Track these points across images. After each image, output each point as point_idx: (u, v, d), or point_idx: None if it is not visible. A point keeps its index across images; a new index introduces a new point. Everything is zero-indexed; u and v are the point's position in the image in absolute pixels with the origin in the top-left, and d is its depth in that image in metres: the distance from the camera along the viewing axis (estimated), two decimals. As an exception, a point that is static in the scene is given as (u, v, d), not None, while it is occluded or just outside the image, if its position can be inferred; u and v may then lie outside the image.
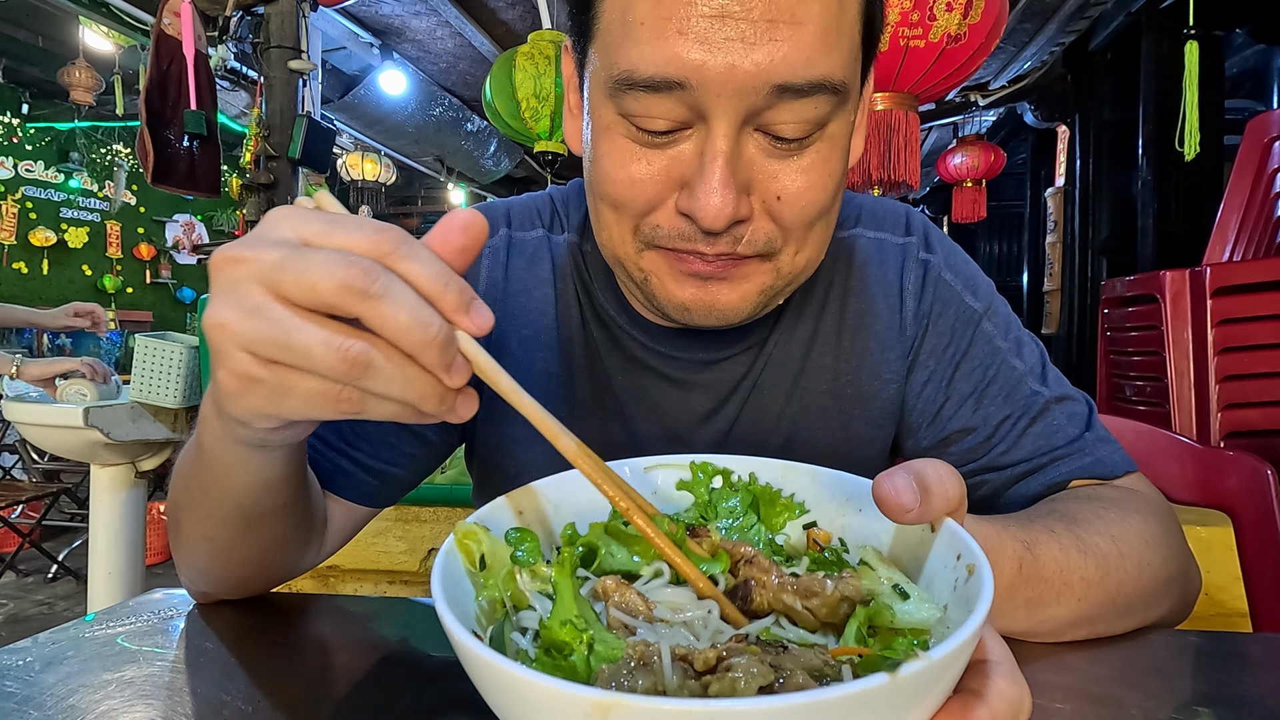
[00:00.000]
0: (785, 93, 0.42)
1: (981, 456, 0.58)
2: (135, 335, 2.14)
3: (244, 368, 0.30)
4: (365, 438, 0.57)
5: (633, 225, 0.49)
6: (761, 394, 0.60)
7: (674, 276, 0.50)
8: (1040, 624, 0.45)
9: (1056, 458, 0.56)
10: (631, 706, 0.20)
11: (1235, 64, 3.95)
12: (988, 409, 0.58)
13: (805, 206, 0.47)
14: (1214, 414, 1.79)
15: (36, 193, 6.51)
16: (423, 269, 0.30)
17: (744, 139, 0.45)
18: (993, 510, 0.58)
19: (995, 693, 0.27)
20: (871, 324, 0.60)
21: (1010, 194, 6.58)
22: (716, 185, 0.43)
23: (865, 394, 0.60)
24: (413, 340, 0.29)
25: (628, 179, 0.47)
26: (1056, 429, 0.57)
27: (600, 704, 0.20)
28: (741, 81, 0.41)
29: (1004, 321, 0.61)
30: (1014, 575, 0.42)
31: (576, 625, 0.28)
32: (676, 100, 0.43)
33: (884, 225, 0.63)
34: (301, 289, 0.29)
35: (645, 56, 0.42)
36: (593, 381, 0.61)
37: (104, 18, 3.51)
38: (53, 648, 0.48)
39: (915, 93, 2.32)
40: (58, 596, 3.22)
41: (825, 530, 0.37)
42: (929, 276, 0.61)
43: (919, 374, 0.60)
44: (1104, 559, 0.46)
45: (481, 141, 5.61)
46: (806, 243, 0.49)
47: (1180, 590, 0.52)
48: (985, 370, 0.59)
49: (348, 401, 0.31)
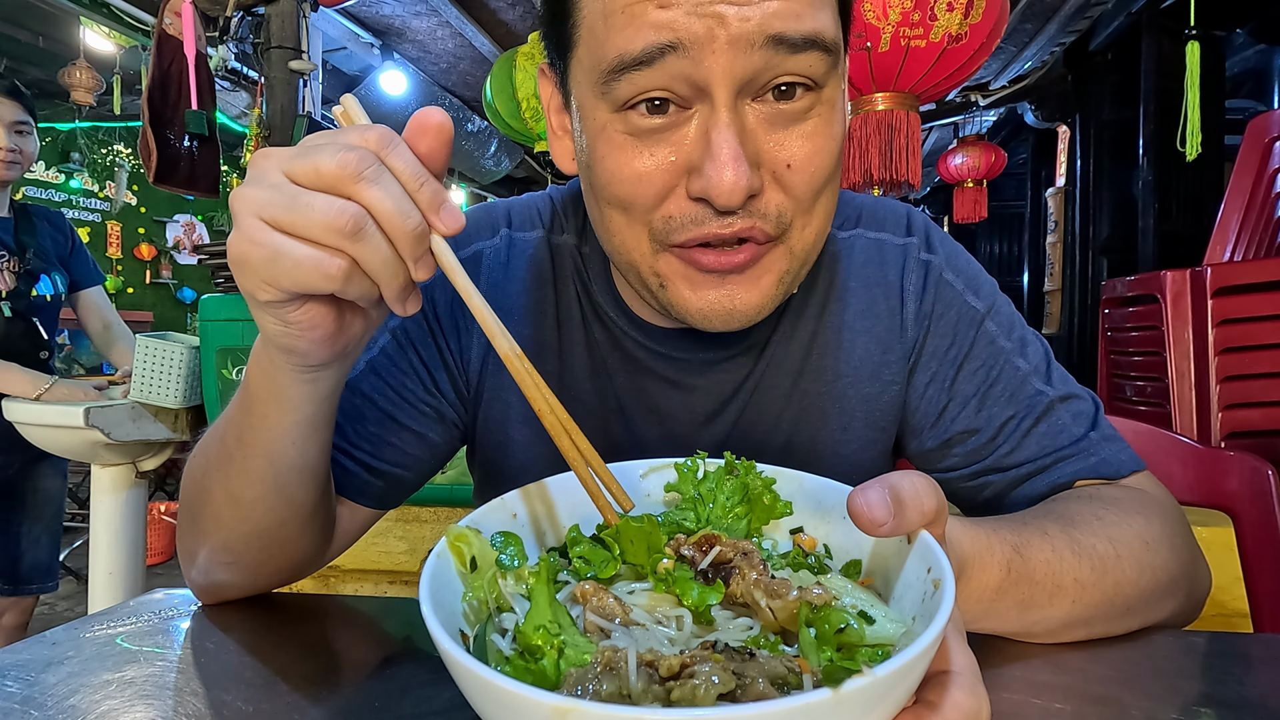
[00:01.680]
0: (780, 46, 0.42)
1: (985, 458, 0.58)
2: (136, 335, 2.14)
3: (251, 232, 0.35)
4: (367, 438, 0.57)
5: (645, 224, 0.48)
6: (762, 396, 0.60)
7: (690, 282, 0.49)
8: (1034, 624, 0.45)
9: (1061, 458, 0.56)
10: (587, 712, 0.21)
11: (1236, 64, 3.95)
12: (991, 410, 0.57)
13: (814, 172, 0.46)
14: (1215, 414, 1.79)
15: (38, 193, 6.51)
16: (405, 166, 0.35)
17: (744, 111, 0.44)
18: (998, 512, 0.57)
19: (951, 704, 0.27)
20: (872, 326, 0.60)
21: (1011, 194, 6.59)
22: (728, 159, 0.42)
23: (866, 396, 0.60)
24: (395, 224, 0.34)
25: (633, 175, 0.46)
26: (1061, 429, 0.56)
27: (559, 709, 0.22)
28: (735, 34, 0.41)
29: (1007, 321, 0.60)
30: (1002, 578, 0.43)
31: (549, 630, 0.29)
32: (672, 72, 0.42)
33: (884, 226, 0.63)
34: (308, 171, 0.34)
35: (635, 34, 0.42)
36: (594, 382, 0.60)
37: (105, 18, 3.51)
38: (53, 648, 0.48)
39: (916, 92, 2.32)
40: (58, 597, 3.22)
41: (811, 536, 0.37)
42: (930, 277, 0.60)
43: (921, 375, 0.60)
44: (1100, 560, 0.46)
45: (482, 142, 5.62)
46: (814, 215, 0.48)
47: (1186, 591, 0.52)
48: (989, 371, 0.58)
49: (333, 270, 0.34)
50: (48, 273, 1.93)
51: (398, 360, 0.58)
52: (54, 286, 1.94)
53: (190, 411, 1.88)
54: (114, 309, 2.16)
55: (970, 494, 0.59)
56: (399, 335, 0.59)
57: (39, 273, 1.90)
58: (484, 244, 0.62)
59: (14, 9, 4.61)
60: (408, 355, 0.59)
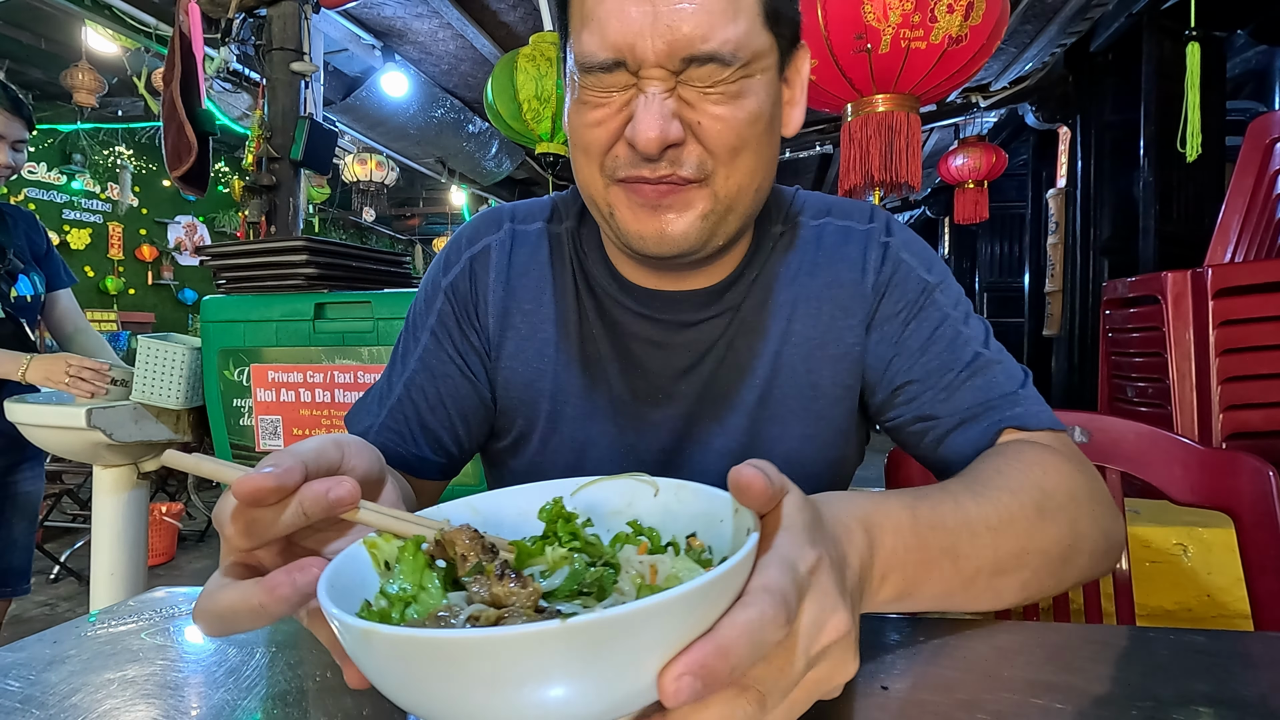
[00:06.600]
0: (692, 63, 0.54)
1: (925, 405, 0.65)
2: (138, 336, 2.14)
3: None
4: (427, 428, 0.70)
5: (599, 164, 0.60)
6: (736, 355, 0.69)
7: (631, 209, 0.60)
8: (974, 577, 0.47)
9: (990, 408, 0.63)
10: (380, 633, 0.26)
11: (1237, 65, 3.95)
12: (931, 363, 0.65)
13: (723, 131, 0.57)
14: (1216, 415, 1.79)
15: (39, 194, 6.53)
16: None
17: (672, 87, 0.56)
18: (941, 458, 0.65)
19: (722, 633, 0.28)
20: (837, 294, 0.69)
21: (1012, 195, 6.58)
22: (649, 121, 0.55)
23: (832, 355, 0.68)
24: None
25: (592, 123, 0.59)
26: (993, 384, 0.64)
27: (366, 631, 0.27)
28: (661, 54, 0.54)
29: (955, 296, 0.69)
30: (911, 521, 0.44)
31: (405, 593, 0.34)
32: (618, 75, 0.56)
33: (851, 216, 0.72)
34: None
35: (594, 43, 0.55)
36: (582, 344, 0.70)
37: (110, 20, 3.52)
38: (55, 646, 0.48)
39: (917, 94, 2.32)
40: (60, 597, 3.23)
41: (701, 540, 0.38)
42: (889, 254, 0.69)
43: (875, 334, 0.68)
44: (1004, 509, 0.49)
45: (483, 143, 5.61)
46: (735, 169, 0.59)
47: (1093, 540, 0.55)
48: (932, 329, 0.66)
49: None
50: (26, 273, 1.88)
51: (438, 354, 0.71)
52: (33, 286, 1.89)
53: (192, 413, 1.88)
54: (83, 314, 2.10)
55: (915, 439, 0.67)
56: (437, 331, 0.72)
57: (18, 273, 1.86)
58: (491, 238, 0.73)
59: (16, 10, 4.63)
60: (444, 348, 0.71)
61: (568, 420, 0.70)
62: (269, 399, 1.74)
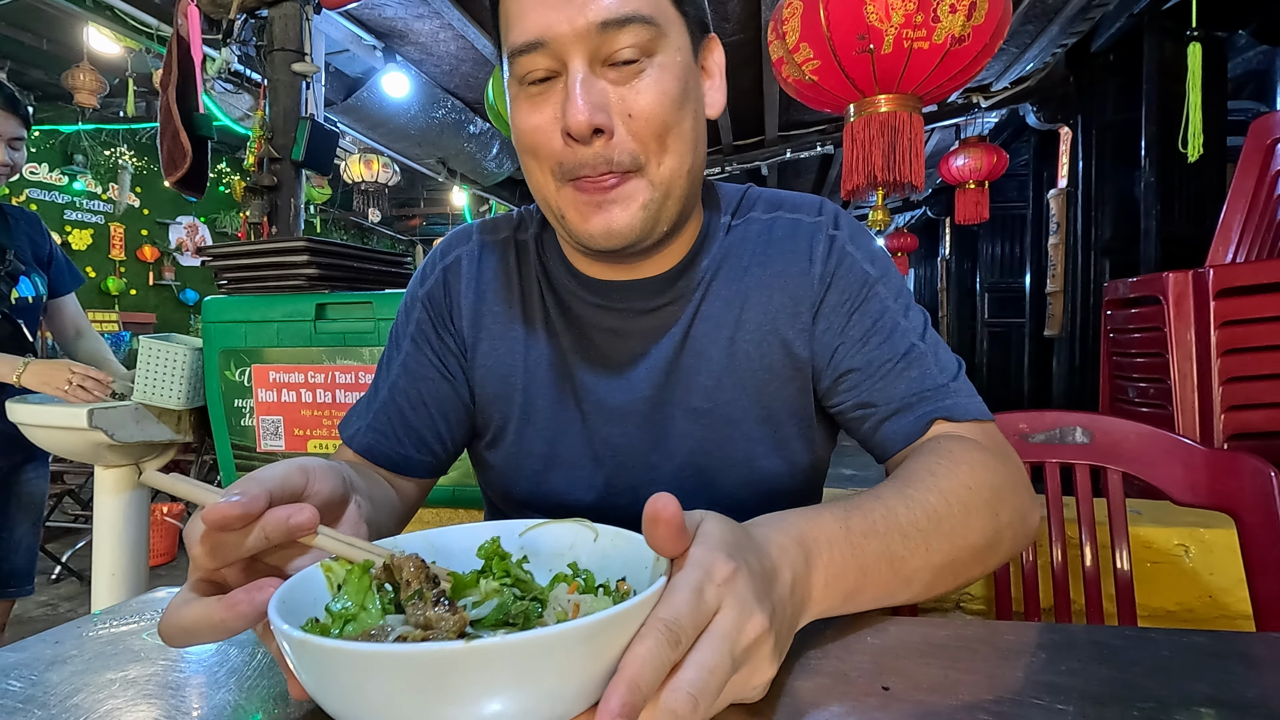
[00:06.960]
0: (608, 26, 0.58)
1: (863, 393, 0.69)
2: (139, 337, 2.13)
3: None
4: (413, 428, 0.75)
5: (548, 167, 0.63)
6: (694, 342, 0.72)
7: (578, 209, 0.63)
8: (910, 577, 0.51)
9: (924, 399, 0.66)
10: (309, 643, 0.29)
11: (1238, 65, 3.94)
12: (871, 353, 0.69)
13: (649, 119, 0.60)
14: (1217, 416, 1.79)
15: (41, 195, 6.54)
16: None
17: (594, 75, 0.60)
18: (879, 443, 0.68)
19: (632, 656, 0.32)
20: (787, 284, 0.72)
21: (1013, 195, 6.57)
22: (577, 105, 0.58)
23: (783, 341, 0.71)
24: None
25: (532, 127, 0.62)
26: (927, 375, 0.67)
27: (299, 641, 0.30)
28: (579, 28, 0.58)
29: (897, 289, 0.72)
30: (842, 532, 0.48)
31: (347, 611, 0.36)
32: (543, 54, 0.59)
33: (801, 209, 0.76)
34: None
35: (518, 32, 0.60)
36: (548, 339, 0.75)
37: (111, 21, 3.52)
38: (56, 646, 0.48)
39: (919, 94, 2.32)
40: (61, 598, 3.23)
41: (629, 585, 0.40)
42: (835, 246, 0.72)
43: (821, 324, 0.71)
44: (933, 510, 0.53)
45: (484, 144, 5.61)
46: (666, 153, 0.62)
47: (1012, 526, 0.59)
48: (873, 321, 0.69)
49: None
50: (27, 274, 1.86)
51: (418, 359, 0.76)
52: (35, 288, 1.87)
53: (193, 413, 1.88)
54: (86, 316, 2.09)
55: (855, 424, 0.71)
56: (416, 338, 0.77)
57: (18, 274, 1.84)
58: (461, 249, 0.79)
59: (18, 11, 4.63)
60: (424, 353, 0.76)
61: (539, 412, 0.74)
62: (270, 399, 1.74)
